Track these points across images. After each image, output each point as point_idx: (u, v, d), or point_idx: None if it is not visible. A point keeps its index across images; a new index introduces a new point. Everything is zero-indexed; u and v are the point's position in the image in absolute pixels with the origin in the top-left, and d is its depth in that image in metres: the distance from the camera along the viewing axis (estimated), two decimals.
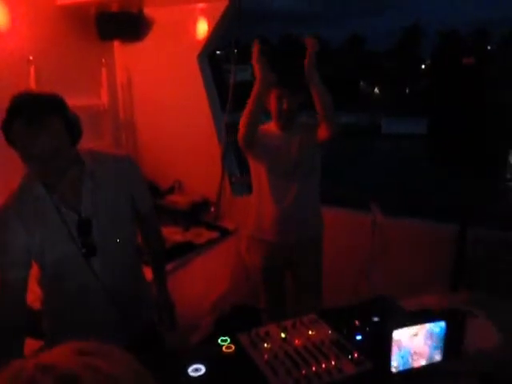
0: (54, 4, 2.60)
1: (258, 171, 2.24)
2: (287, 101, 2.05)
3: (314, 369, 1.22)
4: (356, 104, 37.59)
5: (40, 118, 1.19)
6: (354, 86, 42.36)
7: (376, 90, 44.66)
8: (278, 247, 2.26)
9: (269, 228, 2.25)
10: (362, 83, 45.04)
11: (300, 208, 2.21)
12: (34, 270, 1.43)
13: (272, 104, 2.10)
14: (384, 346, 1.04)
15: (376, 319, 1.47)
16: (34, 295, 1.49)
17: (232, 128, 3.02)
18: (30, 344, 1.57)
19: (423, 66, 44.88)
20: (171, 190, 3.22)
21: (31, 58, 2.46)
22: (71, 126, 1.27)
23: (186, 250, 2.66)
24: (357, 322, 1.45)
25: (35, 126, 1.18)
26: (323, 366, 1.24)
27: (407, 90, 40.01)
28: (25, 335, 1.43)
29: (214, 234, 2.91)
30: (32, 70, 2.46)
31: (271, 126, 2.22)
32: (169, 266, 2.18)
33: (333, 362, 1.25)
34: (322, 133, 2.10)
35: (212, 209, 3.11)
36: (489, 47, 41.92)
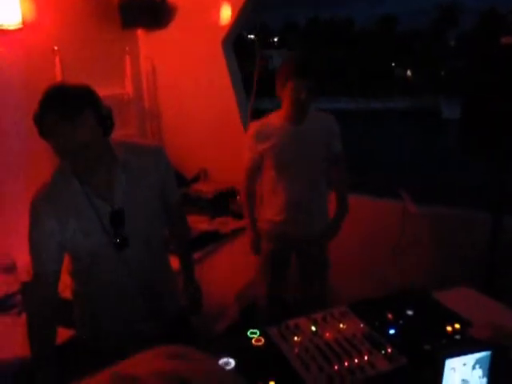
0: None
1: (267, 163, 2.21)
2: (306, 92, 1.99)
3: (346, 364, 1.19)
4: (393, 88, 36.27)
5: (71, 112, 1.18)
6: (388, 69, 40.97)
7: (408, 73, 42.85)
8: (284, 235, 2.28)
9: (277, 217, 2.26)
10: (395, 66, 43.12)
11: (306, 201, 2.22)
12: (65, 260, 1.44)
13: (288, 95, 2.04)
14: (435, 373, 1.04)
15: (410, 312, 1.42)
16: (63, 284, 1.50)
17: (257, 114, 2.98)
18: (62, 332, 1.60)
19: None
20: (197, 179, 3.20)
21: (56, 48, 2.47)
22: (103, 119, 1.26)
23: (212, 238, 2.65)
24: (390, 316, 1.40)
25: (67, 121, 1.18)
26: (356, 361, 1.20)
27: (443, 73, 38.34)
28: (57, 324, 1.45)
29: (240, 223, 2.88)
30: (57, 60, 2.47)
31: (277, 118, 2.16)
32: (195, 255, 2.17)
33: (366, 358, 1.21)
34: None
35: (238, 197, 3.08)
36: None
